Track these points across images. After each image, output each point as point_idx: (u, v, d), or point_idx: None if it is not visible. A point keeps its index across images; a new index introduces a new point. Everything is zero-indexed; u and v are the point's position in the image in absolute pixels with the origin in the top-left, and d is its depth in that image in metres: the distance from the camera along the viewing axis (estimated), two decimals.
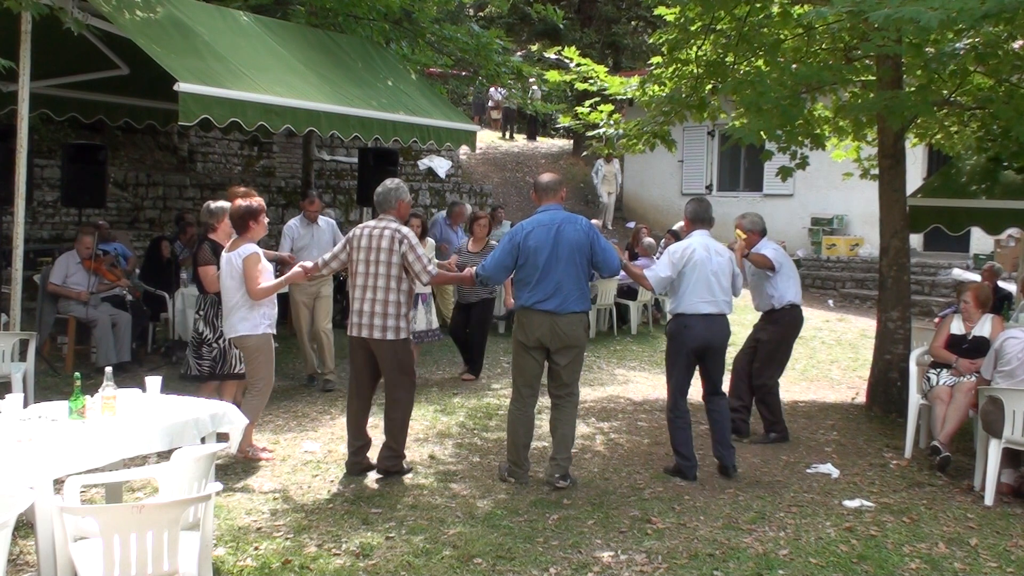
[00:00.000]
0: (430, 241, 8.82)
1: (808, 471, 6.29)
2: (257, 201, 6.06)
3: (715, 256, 6.09)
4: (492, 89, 22.68)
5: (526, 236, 5.65)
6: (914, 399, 6.75)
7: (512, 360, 5.99)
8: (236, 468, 5.95)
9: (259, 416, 6.32)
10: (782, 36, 7.92)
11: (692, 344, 6.02)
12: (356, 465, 5.93)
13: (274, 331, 6.18)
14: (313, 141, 13.22)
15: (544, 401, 6.34)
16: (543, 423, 7.42)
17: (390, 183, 5.97)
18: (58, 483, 3.83)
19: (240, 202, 6.01)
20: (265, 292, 5.95)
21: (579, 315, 5.69)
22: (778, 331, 7.13)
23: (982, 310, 6.79)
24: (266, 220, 6.09)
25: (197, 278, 6.45)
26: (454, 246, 11.21)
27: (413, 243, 5.70)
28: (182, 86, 6.68)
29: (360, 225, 5.93)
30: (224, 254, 6.05)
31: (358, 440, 5.94)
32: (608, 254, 5.77)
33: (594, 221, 8.02)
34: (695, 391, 6.22)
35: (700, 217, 6.23)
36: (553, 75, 10.38)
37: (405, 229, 5.75)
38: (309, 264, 6.01)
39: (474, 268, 6.07)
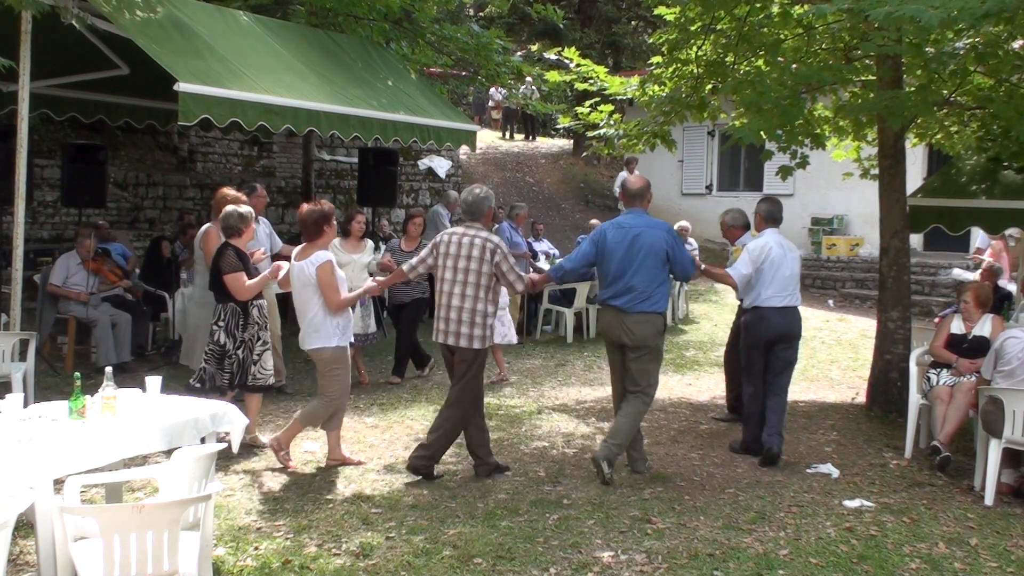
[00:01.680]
0: (369, 243, 8.44)
1: (808, 471, 6.29)
2: (328, 205, 5.98)
3: (788, 253, 6.55)
4: (492, 89, 22.68)
5: (604, 236, 5.96)
6: (914, 399, 6.75)
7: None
8: (236, 468, 5.95)
9: (317, 425, 6.17)
10: (782, 36, 7.92)
11: (768, 335, 6.48)
12: (420, 461, 5.90)
13: (350, 340, 6.07)
14: (313, 141, 13.23)
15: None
16: (542, 423, 7.42)
17: (479, 191, 5.96)
18: (58, 483, 3.83)
19: (310, 206, 5.88)
20: (347, 303, 5.92)
21: (648, 315, 5.86)
22: (737, 326, 7.34)
23: (982, 310, 6.79)
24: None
25: (218, 286, 6.14)
26: (522, 249, 11.29)
27: (506, 252, 5.78)
28: (182, 86, 6.68)
29: (448, 231, 5.91)
30: (294, 263, 5.89)
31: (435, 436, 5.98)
32: (684, 260, 6.02)
33: None
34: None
35: (773, 216, 6.68)
36: (553, 75, 10.39)
37: (496, 239, 5.79)
38: (405, 267, 6.08)
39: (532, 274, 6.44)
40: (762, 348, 6.52)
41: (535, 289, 7.35)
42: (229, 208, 6.31)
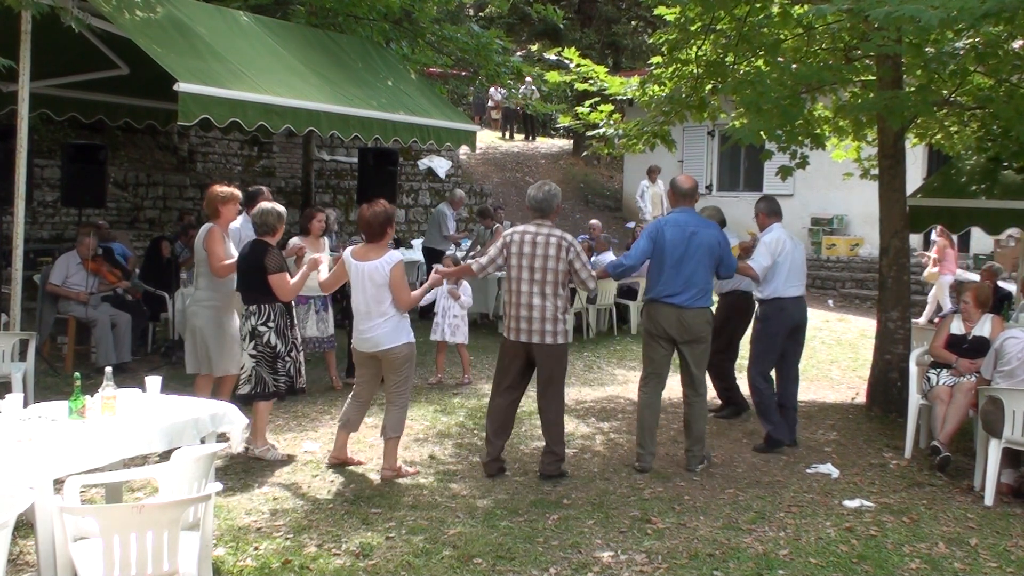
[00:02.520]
0: (325, 240, 8.28)
1: (808, 471, 6.29)
2: (390, 206, 5.89)
3: (798, 245, 7.00)
4: (492, 89, 22.68)
5: (662, 233, 6.12)
6: (914, 399, 6.75)
7: (642, 349, 6.36)
8: (236, 468, 5.95)
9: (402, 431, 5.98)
10: (782, 36, 7.92)
11: (789, 324, 6.81)
12: (497, 465, 5.95)
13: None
14: (313, 141, 13.23)
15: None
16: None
17: (548, 187, 5.96)
18: (58, 483, 3.83)
19: (372, 208, 5.78)
20: (415, 301, 5.93)
21: (703, 310, 6.14)
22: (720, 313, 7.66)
23: (982, 310, 6.79)
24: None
25: (261, 285, 5.93)
26: None
27: (579, 250, 5.83)
28: (182, 86, 6.68)
29: (515, 229, 5.89)
30: (360, 263, 5.72)
31: (500, 438, 5.97)
32: (731, 258, 6.39)
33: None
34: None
35: (776, 211, 6.98)
36: (553, 75, 10.38)
37: (570, 236, 5.84)
38: (475, 266, 6.06)
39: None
40: (782, 336, 6.83)
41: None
42: (267, 205, 6.18)
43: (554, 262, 5.73)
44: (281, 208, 6.21)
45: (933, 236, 13.32)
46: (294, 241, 7.83)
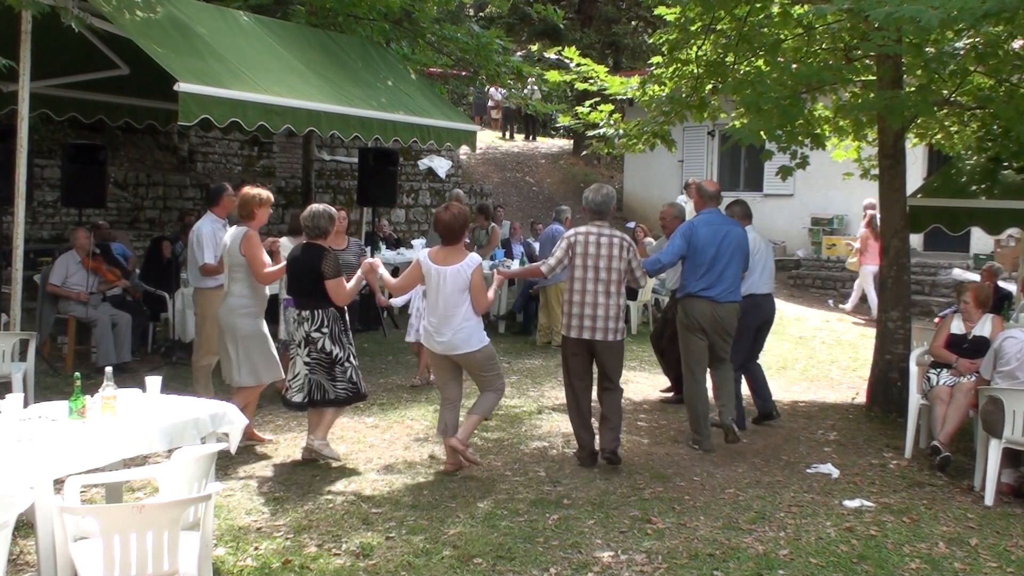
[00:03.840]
0: (284, 241, 8.17)
1: (808, 471, 6.29)
2: (465, 207, 5.89)
3: (768, 246, 7.53)
4: (492, 89, 22.69)
5: (696, 232, 6.55)
6: (914, 399, 6.75)
7: (681, 344, 6.77)
8: (236, 468, 5.95)
9: (490, 415, 6.33)
10: (782, 36, 7.92)
11: (761, 318, 7.33)
12: (593, 456, 6.20)
13: None
14: (313, 141, 13.24)
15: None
16: (542, 423, 7.43)
17: (606, 191, 6.26)
18: (58, 483, 3.83)
19: (450, 211, 5.77)
20: (491, 303, 6.01)
21: (735, 304, 6.63)
22: (667, 315, 8.16)
23: (982, 310, 6.79)
24: None
25: (316, 290, 5.81)
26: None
27: (635, 250, 6.18)
28: (182, 86, 6.68)
29: (578, 230, 6.10)
30: (440, 267, 5.70)
31: (589, 430, 6.27)
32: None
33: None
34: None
35: (750, 214, 7.31)
36: (553, 75, 10.38)
37: (628, 237, 6.19)
38: (544, 268, 6.24)
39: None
40: (754, 331, 7.31)
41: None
42: (318, 207, 5.98)
43: (617, 261, 6.04)
44: (332, 209, 6.04)
45: (861, 226, 13.93)
46: (283, 242, 7.71)
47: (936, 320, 8.55)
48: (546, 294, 10.63)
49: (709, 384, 6.84)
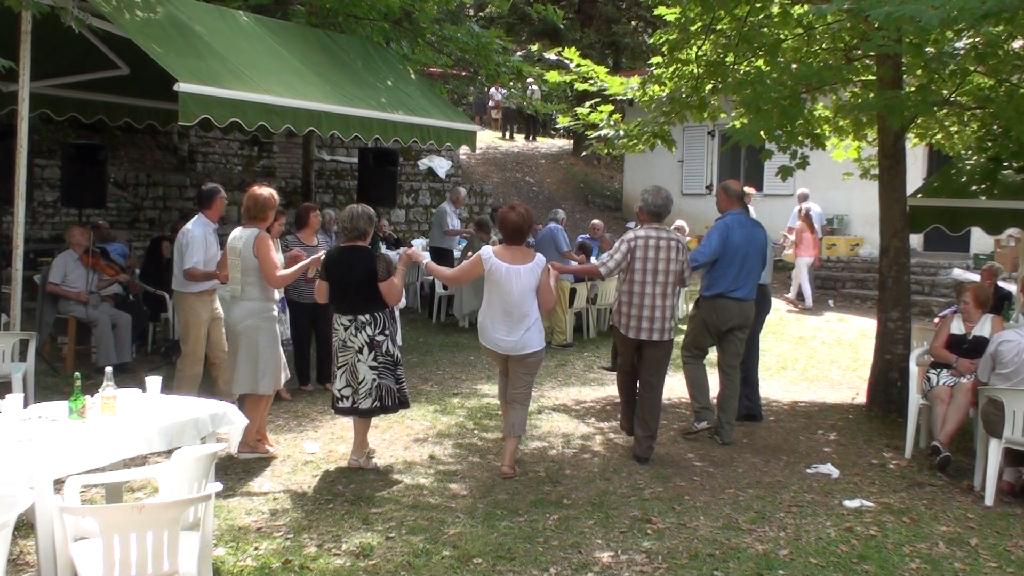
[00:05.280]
0: (290, 238, 7.98)
1: (808, 471, 6.29)
2: (527, 209, 5.90)
3: (766, 235, 7.44)
4: (492, 89, 22.67)
5: (731, 232, 6.69)
6: (914, 399, 6.75)
7: (692, 333, 6.97)
8: (236, 468, 5.95)
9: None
10: (782, 36, 7.92)
11: (767, 308, 7.71)
12: (651, 450, 6.38)
13: None
14: (313, 141, 13.22)
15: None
16: (542, 423, 7.42)
17: (665, 193, 6.34)
18: (58, 483, 3.83)
19: (516, 211, 5.74)
20: (555, 302, 6.10)
21: (753, 301, 6.93)
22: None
23: (982, 310, 6.79)
24: None
25: (369, 293, 5.71)
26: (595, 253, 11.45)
27: (687, 250, 6.36)
28: (182, 86, 6.67)
29: (638, 234, 6.19)
30: (512, 265, 5.68)
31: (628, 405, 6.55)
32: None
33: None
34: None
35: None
36: (553, 75, 10.38)
37: (684, 239, 6.41)
38: (602, 269, 6.32)
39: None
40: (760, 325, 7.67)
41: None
42: (357, 209, 5.88)
43: (675, 264, 6.20)
44: (371, 210, 5.93)
45: (793, 217, 14.35)
46: (290, 240, 7.80)
47: (936, 320, 8.54)
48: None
49: (713, 390, 6.92)
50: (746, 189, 15.53)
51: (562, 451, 6.63)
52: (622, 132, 9.28)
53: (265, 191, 6.13)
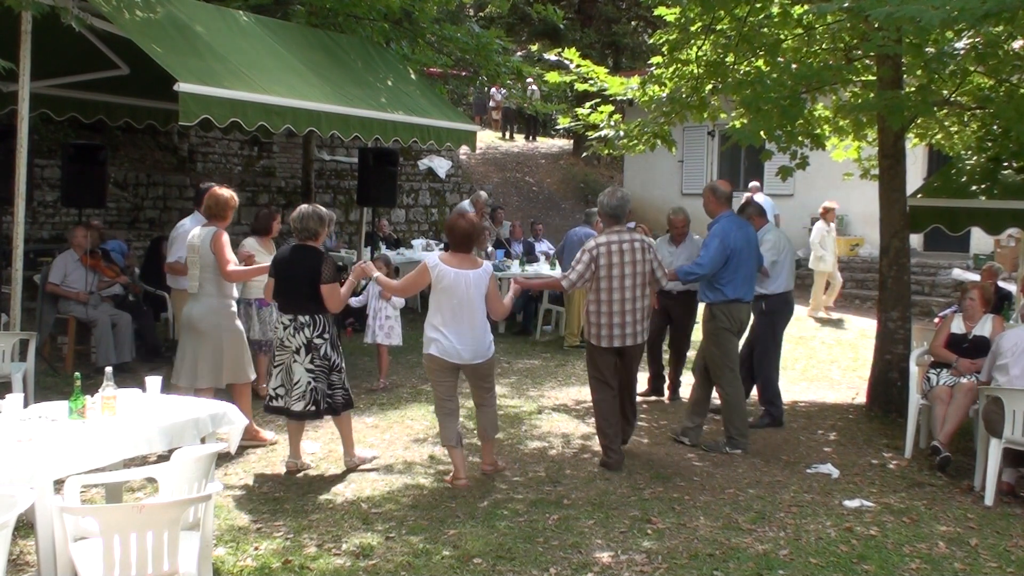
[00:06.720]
0: (250, 241, 7.71)
1: (808, 471, 6.29)
2: (477, 219, 5.95)
3: (789, 242, 7.76)
4: (492, 89, 22.68)
5: (732, 236, 6.54)
6: (914, 399, 6.75)
7: (718, 349, 6.70)
8: (236, 468, 5.95)
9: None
10: (782, 36, 7.92)
11: (789, 315, 7.71)
12: (622, 459, 6.21)
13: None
14: (313, 141, 13.23)
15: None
16: (542, 423, 7.43)
17: (621, 194, 6.21)
18: (58, 483, 3.83)
19: (466, 218, 5.72)
20: (509, 310, 6.13)
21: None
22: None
23: (985, 309, 6.80)
24: None
25: (313, 295, 5.65)
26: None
27: (655, 250, 6.22)
28: (182, 86, 6.67)
29: (599, 241, 6.01)
30: (462, 271, 5.58)
31: (619, 436, 6.29)
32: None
33: None
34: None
35: (763, 212, 7.62)
36: (553, 76, 10.38)
37: (649, 239, 6.30)
38: (564, 283, 6.18)
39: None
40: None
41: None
42: (306, 208, 5.84)
43: (642, 265, 6.05)
44: (323, 210, 5.88)
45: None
46: (249, 242, 7.60)
47: (936, 320, 8.55)
48: (570, 297, 10.55)
49: (714, 396, 6.93)
50: (751, 185, 15.77)
51: (562, 451, 6.63)
52: (622, 132, 9.28)
53: (226, 192, 6.24)
